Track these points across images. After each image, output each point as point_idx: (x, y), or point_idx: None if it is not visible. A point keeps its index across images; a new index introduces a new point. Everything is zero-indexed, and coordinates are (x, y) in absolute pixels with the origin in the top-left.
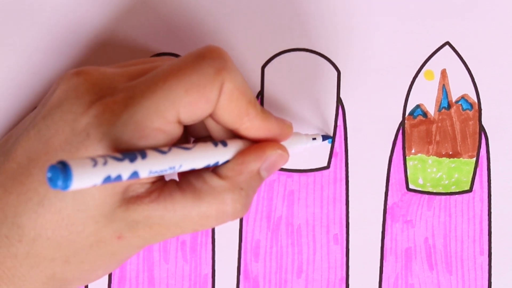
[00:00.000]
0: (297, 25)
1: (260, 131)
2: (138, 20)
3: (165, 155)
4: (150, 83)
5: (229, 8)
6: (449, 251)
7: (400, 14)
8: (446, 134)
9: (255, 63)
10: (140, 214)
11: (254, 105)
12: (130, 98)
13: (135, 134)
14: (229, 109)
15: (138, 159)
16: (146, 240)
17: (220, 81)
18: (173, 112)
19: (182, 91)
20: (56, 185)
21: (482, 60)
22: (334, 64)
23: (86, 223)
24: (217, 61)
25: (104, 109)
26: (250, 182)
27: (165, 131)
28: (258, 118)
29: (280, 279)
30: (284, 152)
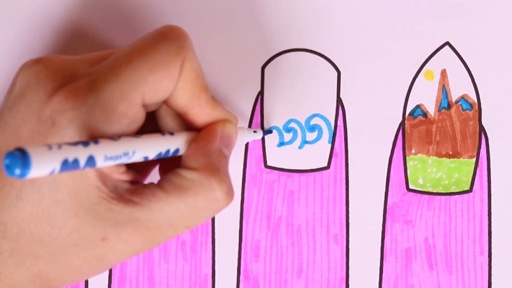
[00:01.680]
0: (297, 25)
1: (207, 117)
2: (132, 20)
3: (117, 141)
4: (112, 66)
5: (229, 8)
6: (449, 251)
7: (400, 14)
8: (446, 134)
9: (255, 63)
10: (125, 216)
11: (206, 91)
12: (93, 82)
13: (101, 119)
14: (185, 90)
15: (91, 144)
16: (135, 248)
17: (181, 59)
18: (138, 94)
19: (146, 71)
20: (13, 172)
21: (482, 60)
22: (334, 64)
23: (66, 215)
24: (178, 40)
25: (68, 95)
26: (220, 161)
27: (129, 115)
28: (208, 104)
29: (280, 279)
30: (232, 124)
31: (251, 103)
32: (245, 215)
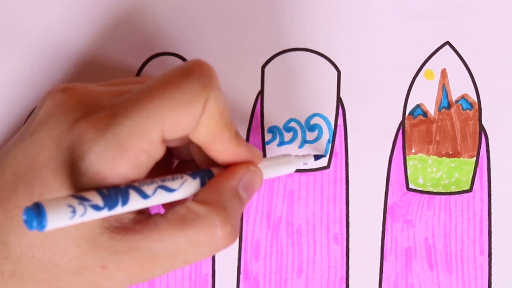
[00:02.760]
0: (297, 25)
1: (229, 155)
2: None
3: (147, 199)
4: (134, 101)
5: (229, 8)
6: (449, 251)
7: (400, 14)
8: (446, 133)
9: (255, 63)
10: (125, 245)
11: (229, 128)
12: (114, 116)
13: (118, 154)
14: (207, 128)
15: (118, 206)
16: (133, 276)
17: (205, 98)
18: (157, 132)
19: (167, 109)
20: (31, 226)
21: (482, 60)
22: (334, 64)
23: (68, 244)
24: (204, 77)
25: (88, 127)
26: (231, 201)
27: (148, 151)
28: (231, 142)
29: (280, 279)
30: (256, 169)
31: (251, 103)
32: (245, 214)
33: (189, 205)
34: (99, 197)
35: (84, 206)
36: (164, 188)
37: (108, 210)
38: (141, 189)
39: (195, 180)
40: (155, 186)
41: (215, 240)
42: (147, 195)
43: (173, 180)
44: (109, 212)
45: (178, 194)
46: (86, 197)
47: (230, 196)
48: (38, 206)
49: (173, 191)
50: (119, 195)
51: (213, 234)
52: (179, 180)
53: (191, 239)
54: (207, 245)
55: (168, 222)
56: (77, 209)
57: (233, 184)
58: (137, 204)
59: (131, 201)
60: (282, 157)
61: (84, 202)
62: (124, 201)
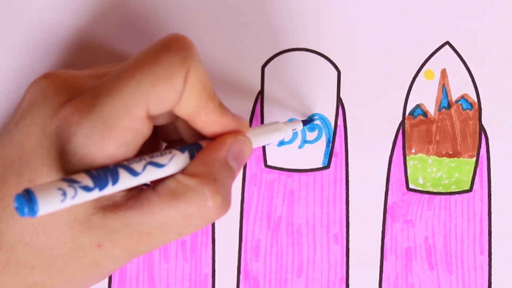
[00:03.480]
0: (297, 25)
1: (215, 125)
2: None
3: (138, 177)
4: (116, 80)
5: (229, 8)
6: (449, 251)
7: (400, 14)
8: (446, 133)
9: (255, 63)
10: (119, 222)
11: (213, 99)
12: (97, 97)
13: (104, 134)
14: (190, 100)
15: (108, 186)
16: (130, 251)
17: (186, 70)
18: (141, 108)
19: (149, 85)
20: (23, 213)
21: (482, 60)
22: (334, 63)
23: (61, 228)
24: (182, 50)
25: (72, 110)
26: (220, 172)
27: (134, 128)
28: (216, 113)
29: (280, 279)
30: (245, 138)
31: (251, 103)
32: (245, 214)
33: (179, 178)
34: (88, 178)
35: (74, 188)
36: (153, 164)
37: (99, 190)
38: (131, 167)
39: (184, 154)
40: (144, 163)
41: (207, 211)
42: (137, 172)
43: (162, 155)
44: (100, 192)
45: (168, 169)
46: (75, 179)
47: (220, 166)
48: (28, 192)
49: (163, 166)
50: (109, 174)
51: (204, 206)
52: (167, 155)
53: (182, 211)
54: (199, 217)
55: (159, 196)
56: (67, 192)
57: (222, 154)
58: (127, 182)
59: (121, 179)
60: (270, 125)
61: (74, 184)
62: (114, 180)
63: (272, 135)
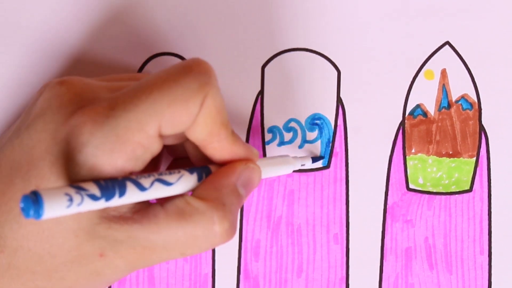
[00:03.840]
0: (297, 25)
1: (226, 153)
2: (133, 26)
3: (145, 192)
4: (133, 95)
5: (229, 8)
6: (449, 251)
7: (400, 14)
8: (446, 133)
9: (255, 63)
10: (124, 234)
11: (226, 127)
12: (112, 109)
13: (115, 147)
14: (204, 126)
15: (115, 197)
16: (131, 264)
17: (203, 96)
18: (154, 126)
19: (165, 105)
20: (28, 214)
21: (482, 60)
22: (334, 63)
23: (66, 236)
24: (203, 75)
25: (85, 119)
26: (229, 197)
27: (144, 145)
28: (228, 141)
29: (280, 279)
30: (255, 166)
31: (251, 103)
32: (245, 214)
33: (188, 199)
34: (96, 187)
35: (81, 195)
36: (161, 181)
37: (105, 200)
38: (138, 181)
39: (192, 175)
40: (153, 179)
41: (213, 236)
42: (145, 188)
43: (170, 174)
44: (106, 203)
45: (175, 188)
46: (83, 187)
47: (229, 192)
48: (36, 194)
49: (170, 184)
50: (116, 186)
51: (211, 230)
52: (176, 175)
53: (189, 233)
54: (205, 240)
55: (167, 214)
56: (74, 198)
57: (232, 180)
58: (134, 196)
59: (128, 192)
60: (280, 158)
61: (81, 192)
62: (122, 193)
63: (281, 168)
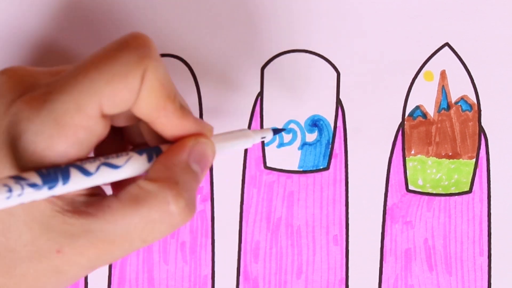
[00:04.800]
0: (297, 26)
1: (175, 128)
2: (133, 27)
3: (90, 177)
4: (69, 77)
5: (229, 9)
6: (449, 252)
7: (400, 14)
8: (445, 135)
9: (255, 63)
10: (79, 228)
11: (173, 100)
12: (49, 93)
13: (54, 132)
14: (147, 100)
15: (58, 185)
16: (91, 260)
17: (143, 70)
18: (94, 106)
19: (103, 83)
20: None
21: (482, 61)
22: (334, 65)
23: (21, 229)
24: (141, 49)
25: (23, 106)
26: (183, 175)
27: (86, 127)
28: (175, 115)
29: (279, 280)
30: (207, 140)
31: (251, 104)
32: (245, 216)
33: (140, 183)
34: (37, 176)
35: (21, 185)
36: (108, 165)
37: (48, 189)
38: (83, 166)
39: (142, 156)
40: (98, 163)
41: (170, 217)
42: (90, 172)
43: (118, 157)
44: (50, 191)
45: (124, 171)
46: (22, 177)
47: (181, 170)
48: None
49: (118, 167)
50: (59, 173)
51: (167, 211)
52: (124, 157)
53: (145, 217)
54: (163, 222)
55: (120, 202)
56: (13, 189)
57: (183, 157)
58: (80, 182)
59: (73, 179)
60: (237, 131)
61: (21, 181)
62: (65, 179)
63: (238, 142)
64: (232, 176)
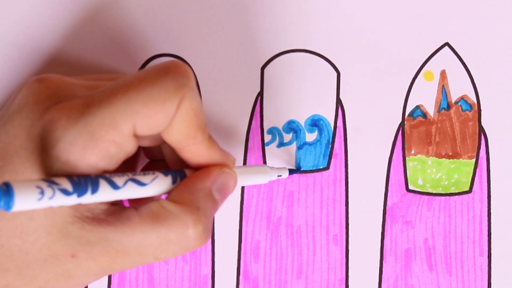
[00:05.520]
0: (297, 26)
1: (202, 157)
2: (132, 27)
3: (118, 190)
4: (109, 93)
5: (229, 9)
6: (449, 252)
7: (400, 14)
8: (445, 135)
9: (255, 63)
10: (97, 236)
11: (203, 131)
12: (87, 106)
13: (88, 144)
14: (180, 128)
15: (87, 194)
16: (104, 267)
17: (180, 98)
18: (129, 125)
19: (141, 104)
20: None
21: (482, 61)
22: (334, 65)
23: (39, 233)
24: (181, 77)
25: (60, 114)
26: (204, 202)
27: (118, 143)
28: (204, 144)
29: (279, 280)
30: (230, 171)
31: (250, 104)
32: (245, 216)
33: (162, 202)
34: (68, 183)
35: (52, 189)
36: (134, 181)
37: (77, 196)
38: (112, 179)
39: (167, 177)
40: (126, 178)
41: (187, 240)
42: (118, 186)
43: (144, 175)
44: (79, 199)
45: (149, 189)
46: (55, 181)
47: (204, 196)
48: (7, 185)
49: (144, 185)
50: (89, 182)
51: (184, 234)
52: (150, 176)
53: (162, 236)
54: (178, 244)
55: (140, 217)
56: (45, 191)
57: (207, 184)
58: (107, 194)
59: (101, 190)
60: (256, 167)
61: (53, 186)
62: (94, 190)
63: (257, 177)
64: None
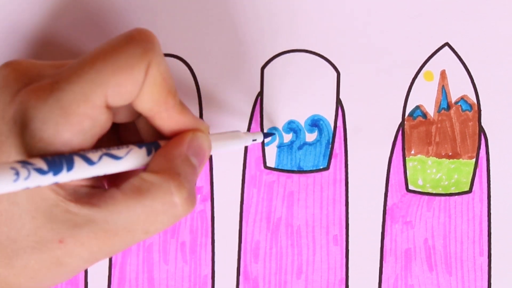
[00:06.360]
0: (297, 26)
1: (174, 123)
2: (132, 27)
3: (93, 166)
4: (76, 68)
5: (229, 10)
6: (449, 252)
7: (400, 14)
8: (445, 135)
9: (255, 64)
10: (82, 218)
11: (173, 95)
12: (56, 83)
13: (61, 120)
14: (150, 94)
15: (63, 171)
16: (93, 251)
17: (147, 63)
18: (100, 96)
19: (109, 73)
20: None
21: (482, 61)
22: (334, 65)
23: (24, 218)
24: (145, 43)
25: (30, 95)
26: (184, 167)
27: (92, 116)
28: (175, 110)
29: (279, 280)
30: (203, 134)
31: (251, 104)
32: (245, 216)
33: (142, 175)
34: (42, 162)
35: (27, 169)
36: (109, 155)
37: (53, 175)
38: (86, 155)
39: (141, 149)
40: (100, 153)
41: (173, 207)
42: (93, 162)
43: (119, 149)
44: (55, 177)
45: (124, 163)
46: (29, 161)
47: (182, 162)
48: None
49: (119, 158)
50: (64, 160)
51: (170, 201)
52: (124, 149)
53: (148, 208)
54: (165, 213)
55: (123, 193)
56: (20, 172)
57: (183, 150)
58: (83, 170)
59: (76, 166)
60: (230, 132)
61: (28, 166)
62: (69, 167)
63: (231, 142)
64: (232, 176)
